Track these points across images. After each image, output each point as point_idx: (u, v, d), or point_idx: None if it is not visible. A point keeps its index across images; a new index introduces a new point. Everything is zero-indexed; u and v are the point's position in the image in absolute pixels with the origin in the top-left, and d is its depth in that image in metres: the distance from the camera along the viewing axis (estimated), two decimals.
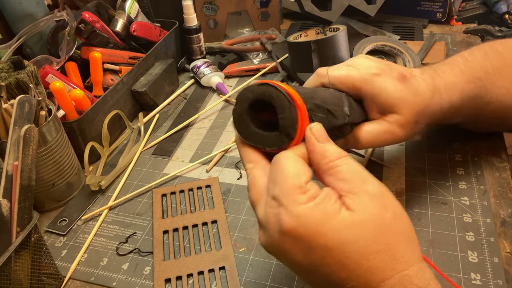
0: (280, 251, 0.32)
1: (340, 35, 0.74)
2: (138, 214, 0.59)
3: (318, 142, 0.33)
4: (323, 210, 0.30)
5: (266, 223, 0.33)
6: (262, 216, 0.33)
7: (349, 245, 0.30)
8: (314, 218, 0.30)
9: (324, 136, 0.34)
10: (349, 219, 0.30)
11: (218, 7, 0.95)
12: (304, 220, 0.30)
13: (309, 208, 0.30)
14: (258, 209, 0.34)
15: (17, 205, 0.43)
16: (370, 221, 0.30)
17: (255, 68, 0.87)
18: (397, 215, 0.32)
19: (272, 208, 0.32)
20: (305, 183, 0.31)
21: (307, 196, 0.31)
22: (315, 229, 0.30)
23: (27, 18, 0.71)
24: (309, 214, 0.30)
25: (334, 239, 0.30)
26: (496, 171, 0.57)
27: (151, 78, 0.79)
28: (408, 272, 0.30)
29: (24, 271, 0.43)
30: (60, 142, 0.58)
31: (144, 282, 0.49)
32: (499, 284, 0.44)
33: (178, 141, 0.72)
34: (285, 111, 0.33)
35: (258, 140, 0.35)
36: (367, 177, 0.32)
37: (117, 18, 0.81)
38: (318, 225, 0.30)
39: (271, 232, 0.32)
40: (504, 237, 0.49)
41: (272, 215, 0.32)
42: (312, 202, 0.31)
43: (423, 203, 0.54)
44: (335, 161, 0.32)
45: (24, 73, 0.55)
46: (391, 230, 0.31)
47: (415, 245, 0.32)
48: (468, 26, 0.97)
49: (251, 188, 0.35)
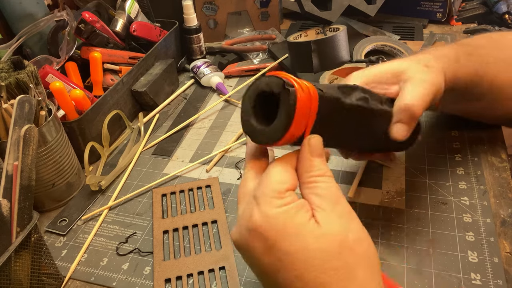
0: (245, 247, 0.33)
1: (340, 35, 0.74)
2: (138, 214, 0.59)
3: (310, 155, 0.34)
4: (292, 216, 0.31)
5: (240, 218, 0.34)
6: (240, 212, 0.35)
7: (309, 254, 0.30)
8: (282, 220, 0.31)
9: (318, 151, 0.34)
10: (314, 231, 0.31)
11: (218, 7, 0.95)
12: (272, 221, 0.31)
13: (280, 212, 0.31)
14: (240, 206, 0.35)
15: (17, 205, 0.43)
16: (333, 237, 0.31)
17: (255, 68, 0.87)
18: (361, 239, 0.32)
19: (249, 205, 0.33)
20: (285, 190, 0.33)
21: (282, 201, 0.32)
22: (280, 232, 0.31)
23: (27, 18, 0.71)
24: (279, 216, 0.31)
25: (296, 245, 0.31)
26: (496, 171, 0.57)
27: (151, 78, 0.79)
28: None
29: (24, 271, 0.43)
30: (60, 142, 0.58)
31: (144, 282, 0.49)
32: (499, 284, 0.44)
33: (178, 141, 0.72)
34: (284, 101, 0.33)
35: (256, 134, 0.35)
36: (340, 199, 0.33)
37: (117, 18, 0.81)
38: (284, 228, 0.31)
39: (241, 227, 0.33)
40: (504, 237, 0.49)
41: (247, 211, 0.33)
42: (284, 207, 0.32)
43: (423, 203, 0.54)
44: (317, 177, 0.34)
45: (24, 73, 0.55)
46: (352, 251, 0.31)
47: (376, 271, 0.32)
48: (468, 26, 0.97)
49: (240, 187, 0.36)
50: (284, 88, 0.32)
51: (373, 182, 0.58)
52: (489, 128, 0.63)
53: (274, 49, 0.90)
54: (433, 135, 0.64)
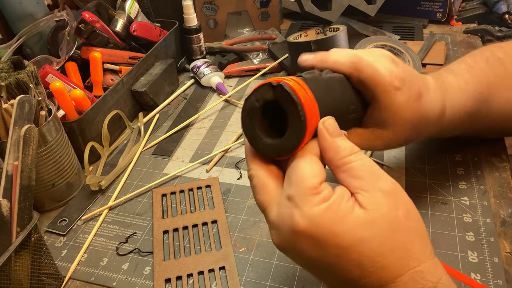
0: (293, 250, 0.32)
1: (340, 35, 0.74)
2: (138, 214, 0.59)
3: (330, 137, 0.33)
4: (336, 210, 0.30)
5: (279, 223, 0.32)
6: (275, 217, 0.33)
7: (363, 243, 0.30)
8: (328, 219, 0.30)
9: (336, 131, 0.33)
10: (362, 217, 0.30)
11: (218, 7, 0.95)
12: (317, 220, 0.30)
13: (323, 209, 0.30)
14: (270, 211, 0.34)
15: (17, 205, 0.43)
16: (383, 219, 0.30)
17: (255, 68, 0.87)
18: (410, 213, 0.32)
19: (286, 208, 0.32)
20: (319, 183, 0.31)
21: (320, 197, 0.31)
22: (329, 229, 0.30)
23: (27, 18, 0.71)
24: (322, 214, 0.30)
25: (348, 238, 0.30)
26: (496, 171, 0.57)
27: (151, 78, 0.79)
28: (421, 268, 0.30)
29: (24, 271, 0.43)
30: (60, 142, 0.58)
31: (144, 282, 0.49)
32: (499, 284, 0.44)
33: (178, 141, 0.72)
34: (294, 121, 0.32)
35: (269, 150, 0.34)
36: (379, 173, 0.32)
37: (117, 18, 0.81)
38: (331, 225, 0.30)
39: (284, 232, 0.32)
40: (504, 237, 0.49)
41: (286, 215, 0.32)
42: (325, 203, 0.31)
43: (423, 203, 0.54)
44: (348, 157, 0.32)
45: (24, 73, 0.55)
46: (404, 227, 0.31)
47: (427, 241, 0.32)
48: (468, 26, 0.97)
49: (260, 190, 0.34)
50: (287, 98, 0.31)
51: None
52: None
53: (274, 49, 0.90)
54: None
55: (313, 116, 0.32)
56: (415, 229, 0.31)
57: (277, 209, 0.33)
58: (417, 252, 0.31)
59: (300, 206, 0.31)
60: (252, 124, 0.34)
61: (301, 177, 0.32)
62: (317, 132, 0.33)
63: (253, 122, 0.34)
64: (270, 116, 0.34)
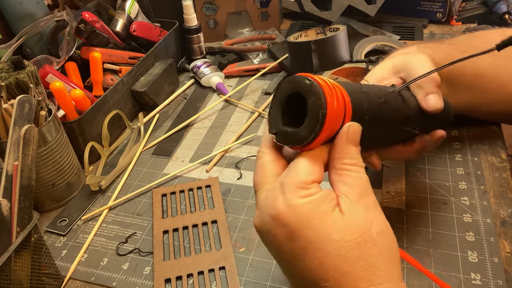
0: (268, 234, 0.33)
1: (340, 35, 0.74)
2: (138, 214, 0.59)
3: (346, 141, 0.34)
4: (316, 206, 0.32)
5: (263, 204, 0.34)
6: (262, 199, 0.34)
7: (331, 244, 0.31)
8: (306, 211, 0.31)
9: (355, 140, 0.34)
10: (337, 219, 0.31)
11: (218, 7, 0.95)
12: (296, 209, 0.32)
13: (305, 202, 0.32)
14: (261, 192, 0.35)
15: (17, 205, 0.43)
16: (356, 228, 0.31)
17: (255, 68, 0.87)
18: (384, 232, 0.33)
19: (274, 191, 0.33)
20: (311, 182, 0.33)
21: (307, 191, 0.32)
22: (303, 221, 0.31)
23: (27, 18, 0.71)
24: (303, 206, 0.32)
25: (319, 234, 0.31)
26: (496, 171, 0.57)
27: (151, 78, 0.79)
28: (384, 286, 0.31)
29: (24, 271, 0.43)
30: (60, 142, 0.58)
31: (144, 282, 0.49)
32: (499, 284, 0.44)
33: (178, 141, 0.72)
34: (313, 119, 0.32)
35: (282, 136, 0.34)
36: (368, 192, 0.33)
37: (117, 18, 0.81)
38: (307, 218, 0.31)
39: (264, 214, 0.33)
40: (504, 237, 0.49)
41: (270, 198, 0.33)
42: (309, 197, 0.32)
43: (423, 203, 0.54)
44: (349, 166, 0.33)
45: (24, 73, 0.55)
46: (374, 242, 0.31)
47: (396, 264, 0.32)
48: (468, 26, 0.97)
49: (259, 170, 0.36)
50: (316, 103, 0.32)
51: (373, 182, 0.58)
52: (489, 126, 0.63)
53: (274, 49, 0.90)
54: None
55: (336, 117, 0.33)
56: (385, 248, 0.32)
57: (266, 193, 0.34)
58: (382, 269, 0.31)
59: (286, 193, 0.32)
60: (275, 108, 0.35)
61: (297, 170, 0.33)
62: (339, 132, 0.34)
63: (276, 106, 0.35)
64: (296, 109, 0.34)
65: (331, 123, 0.32)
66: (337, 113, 0.33)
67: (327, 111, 0.32)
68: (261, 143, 0.37)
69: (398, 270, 0.32)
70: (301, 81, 0.33)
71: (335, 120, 0.33)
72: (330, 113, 0.32)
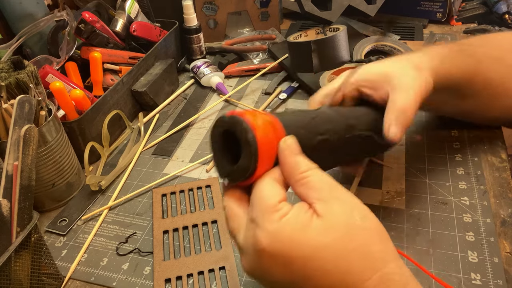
0: (261, 272, 0.33)
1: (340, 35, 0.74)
2: (138, 214, 0.59)
3: (290, 154, 0.34)
4: (295, 222, 0.31)
5: (245, 246, 0.33)
6: (242, 240, 0.34)
7: (324, 249, 0.31)
8: (288, 232, 0.31)
9: (297, 149, 0.35)
10: (320, 225, 0.31)
11: (218, 7, 0.95)
12: (278, 235, 0.31)
13: (282, 224, 0.31)
14: (239, 236, 0.35)
15: (17, 205, 0.43)
16: (340, 224, 0.31)
17: (255, 68, 0.87)
18: (366, 216, 0.33)
19: (250, 230, 0.33)
20: (278, 202, 0.32)
21: (280, 213, 0.32)
22: (290, 242, 0.31)
23: (27, 18, 0.71)
24: (282, 228, 0.31)
25: (309, 247, 0.31)
26: (496, 171, 0.57)
27: (151, 78, 0.79)
28: (387, 270, 0.31)
29: (24, 271, 0.43)
30: (60, 142, 0.58)
31: (144, 282, 0.49)
32: (499, 284, 0.44)
33: (178, 141, 0.72)
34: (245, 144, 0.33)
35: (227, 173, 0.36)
36: (335, 185, 0.34)
37: (117, 18, 0.81)
38: (292, 238, 0.31)
39: (250, 254, 0.33)
40: (504, 237, 0.49)
41: (250, 237, 0.33)
42: (285, 217, 0.32)
43: (423, 203, 0.54)
44: (306, 172, 0.34)
45: (24, 73, 0.55)
46: (362, 229, 0.32)
47: (389, 242, 0.33)
48: (468, 26, 0.97)
49: (230, 218, 0.36)
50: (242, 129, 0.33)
51: (373, 182, 0.58)
52: (489, 128, 0.63)
53: (274, 49, 0.90)
54: (433, 135, 0.64)
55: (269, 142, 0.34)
56: (373, 230, 0.32)
57: (243, 233, 0.34)
58: (379, 251, 0.31)
59: (261, 224, 0.32)
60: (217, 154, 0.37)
61: (260, 198, 0.33)
62: (278, 150, 0.35)
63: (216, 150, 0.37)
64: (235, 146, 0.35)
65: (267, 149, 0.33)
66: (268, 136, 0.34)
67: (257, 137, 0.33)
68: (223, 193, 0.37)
69: (392, 248, 0.33)
70: (226, 120, 0.35)
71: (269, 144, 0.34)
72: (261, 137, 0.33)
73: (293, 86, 0.81)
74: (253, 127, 0.33)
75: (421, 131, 0.65)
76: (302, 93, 0.81)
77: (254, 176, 0.34)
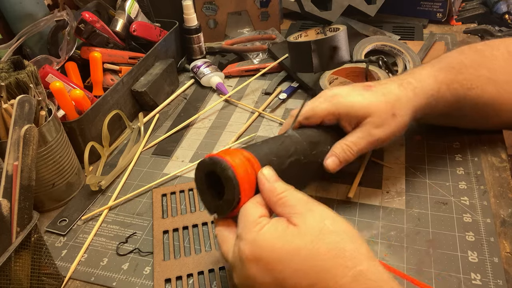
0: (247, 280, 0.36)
1: (340, 35, 0.74)
2: (138, 214, 0.59)
3: (268, 181, 0.39)
4: (273, 230, 0.36)
5: (233, 261, 0.38)
6: (232, 258, 0.38)
7: (299, 251, 0.34)
8: (266, 239, 0.35)
9: (274, 177, 0.40)
10: (295, 231, 0.35)
11: (218, 7, 0.95)
12: (258, 242, 0.35)
13: (261, 233, 0.36)
14: (229, 256, 0.39)
15: (17, 205, 0.43)
16: (313, 228, 0.35)
17: (255, 68, 0.87)
18: (336, 221, 0.36)
19: (236, 246, 0.38)
20: (259, 217, 0.37)
21: (259, 226, 0.36)
22: (269, 247, 0.35)
23: (27, 18, 0.71)
24: (262, 236, 0.36)
25: (286, 250, 0.34)
26: (496, 171, 0.57)
27: (151, 78, 0.79)
28: (361, 268, 0.33)
29: (24, 271, 0.43)
30: (60, 142, 0.58)
31: (144, 282, 0.49)
32: (499, 284, 0.44)
33: (178, 141, 0.72)
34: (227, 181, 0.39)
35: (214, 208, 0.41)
36: (308, 200, 0.38)
37: (117, 18, 0.81)
38: (271, 243, 0.35)
39: (238, 267, 0.37)
40: (504, 237, 0.49)
41: (236, 251, 0.37)
42: (264, 228, 0.36)
43: (423, 203, 0.54)
44: (282, 193, 0.38)
45: (24, 73, 0.55)
46: (332, 231, 0.35)
47: (362, 243, 0.36)
48: (468, 26, 0.97)
49: (222, 243, 0.40)
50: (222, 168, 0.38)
51: (373, 182, 0.58)
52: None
53: (274, 49, 0.90)
54: (433, 135, 0.64)
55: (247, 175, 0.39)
56: (344, 231, 0.36)
57: (231, 251, 0.39)
58: (350, 250, 0.34)
59: (243, 237, 0.37)
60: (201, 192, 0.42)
61: (244, 215, 0.38)
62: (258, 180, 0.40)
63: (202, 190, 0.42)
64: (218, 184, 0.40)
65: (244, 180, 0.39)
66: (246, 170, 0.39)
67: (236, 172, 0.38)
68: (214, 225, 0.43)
69: (365, 248, 0.35)
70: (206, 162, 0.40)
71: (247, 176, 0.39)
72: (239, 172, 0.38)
73: (293, 86, 0.81)
74: (231, 164, 0.38)
75: (421, 131, 0.65)
76: (302, 93, 0.81)
77: (239, 206, 0.39)
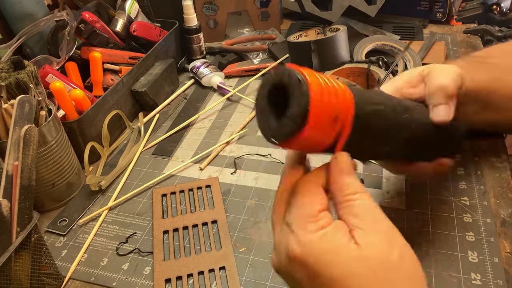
0: (287, 274, 0.33)
1: (340, 35, 0.74)
2: (138, 214, 0.59)
3: (341, 173, 0.33)
4: (330, 240, 0.31)
5: (278, 247, 0.33)
6: (276, 240, 0.34)
7: (352, 279, 0.30)
8: (321, 248, 0.30)
9: (347, 169, 0.33)
10: (355, 253, 0.30)
11: (218, 7, 0.95)
12: (311, 249, 0.31)
13: (317, 237, 0.31)
14: (275, 233, 0.35)
15: (17, 205, 0.43)
16: (376, 257, 0.30)
17: (255, 68, 0.87)
18: (404, 255, 0.31)
19: (284, 235, 0.33)
20: (318, 211, 0.32)
21: (317, 225, 0.31)
22: (321, 259, 0.30)
23: (27, 18, 0.71)
24: (317, 243, 0.31)
25: (338, 270, 0.30)
26: (496, 171, 0.57)
27: (151, 78, 0.79)
28: None
29: (24, 271, 0.43)
30: (60, 142, 0.58)
31: (144, 282, 0.49)
32: (499, 284, 0.44)
33: (178, 141, 0.72)
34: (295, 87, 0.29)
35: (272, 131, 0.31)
36: (379, 215, 0.32)
37: (117, 18, 0.81)
38: (324, 254, 0.30)
39: (281, 256, 0.33)
40: (504, 237, 0.49)
41: (283, 239, 0.33)
42: (321, 231, 0.31)
43: (423, 203, 0.54)
44: (352, 196, 0.32)
45: (24, 73, 0.55)
46: (396, 269, 0.30)
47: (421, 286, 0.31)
48: (468, 26, 0.97)
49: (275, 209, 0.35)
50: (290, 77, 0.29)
51: (373, 182, 0.58)
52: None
53: (274, 49, 0.90)
54: None
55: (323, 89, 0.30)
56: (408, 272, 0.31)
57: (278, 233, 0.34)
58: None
59: (296, 232, 0.31)
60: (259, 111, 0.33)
61: (299, 204, 0.32)
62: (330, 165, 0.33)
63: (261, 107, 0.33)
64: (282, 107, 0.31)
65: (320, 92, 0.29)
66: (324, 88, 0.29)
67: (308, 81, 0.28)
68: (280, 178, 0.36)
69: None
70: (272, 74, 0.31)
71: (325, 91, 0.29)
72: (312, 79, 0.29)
73: None
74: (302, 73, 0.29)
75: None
76: None
77: (305, 130, 0.29)
